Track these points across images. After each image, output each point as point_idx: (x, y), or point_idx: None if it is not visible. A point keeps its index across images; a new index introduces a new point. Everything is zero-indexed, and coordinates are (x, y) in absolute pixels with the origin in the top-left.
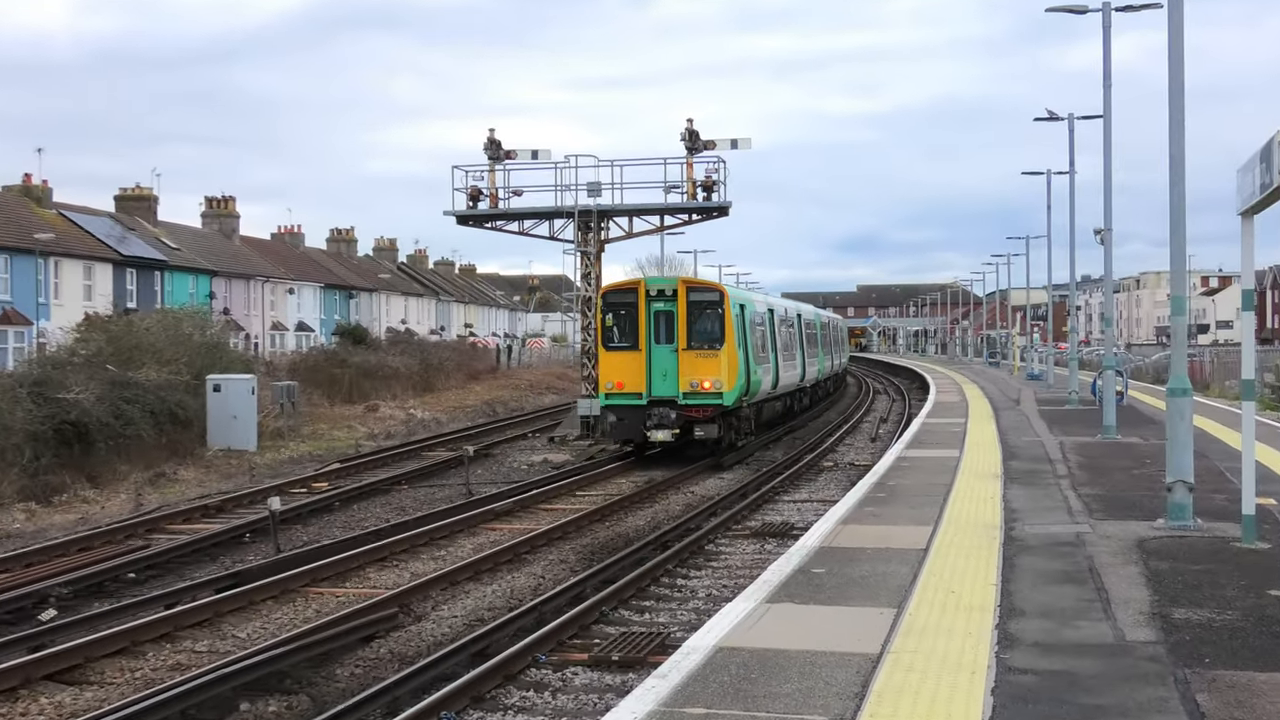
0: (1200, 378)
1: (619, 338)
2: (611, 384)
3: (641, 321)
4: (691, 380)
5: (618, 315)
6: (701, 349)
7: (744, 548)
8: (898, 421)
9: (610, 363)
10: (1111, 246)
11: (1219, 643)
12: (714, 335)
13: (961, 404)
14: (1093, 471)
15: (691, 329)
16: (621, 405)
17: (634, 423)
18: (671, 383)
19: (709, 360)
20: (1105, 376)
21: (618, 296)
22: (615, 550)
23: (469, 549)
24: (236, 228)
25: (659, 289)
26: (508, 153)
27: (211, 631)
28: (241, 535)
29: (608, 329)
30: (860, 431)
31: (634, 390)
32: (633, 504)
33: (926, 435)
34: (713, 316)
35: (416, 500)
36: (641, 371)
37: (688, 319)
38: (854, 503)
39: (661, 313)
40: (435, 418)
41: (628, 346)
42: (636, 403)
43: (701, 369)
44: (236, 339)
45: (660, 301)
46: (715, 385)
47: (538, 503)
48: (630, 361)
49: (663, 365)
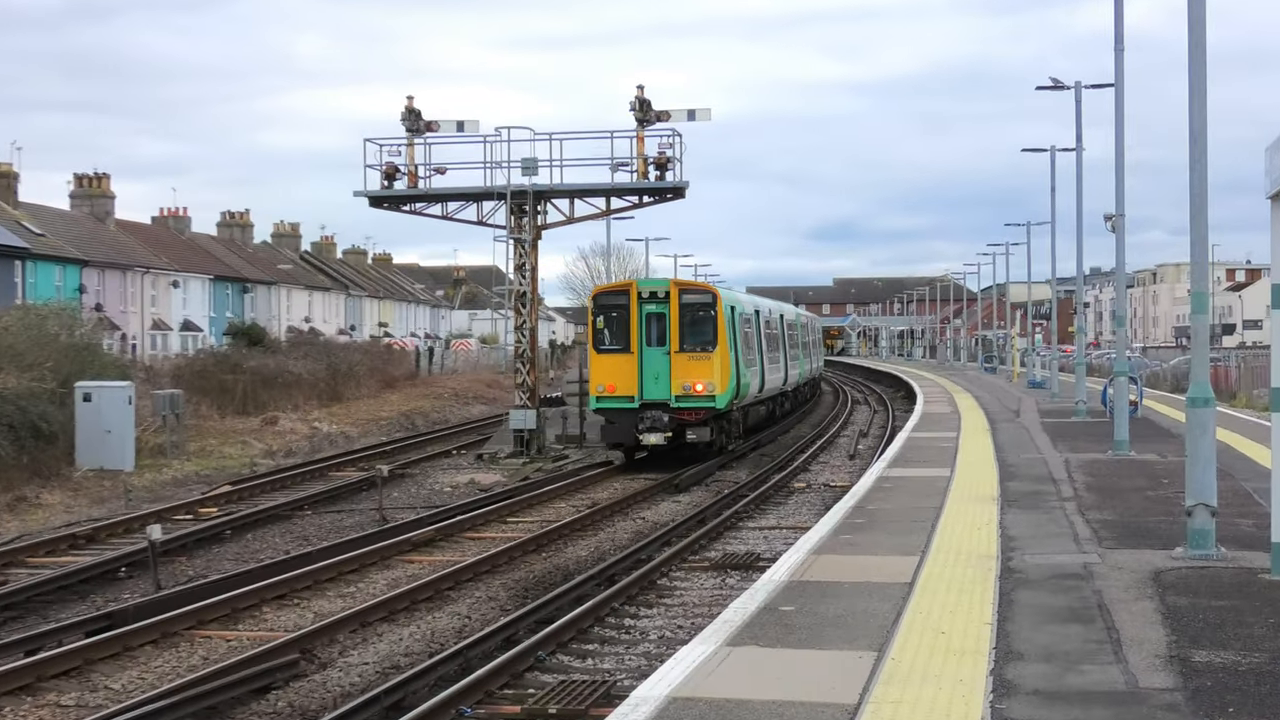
0: (1225, 385)
1: (610, 340)
2: (603, 387)
3: (633, 324)
4: (684, 383)
5: (609, 317)
6: (694, 351)
7: (702, 582)
8: (879, 436)
9: (601, 365)
10: (1124, 235)
11: (1245, 689)
12: (706, 338)
13: (953, 416)
14: (1102, 493)
15: (684, 331)
16: (613, 409)
17: (626, 426)
18: (664, 386)
19: (701, 363)
20: (1117, 384)
21: (609, 298)
22: (553, 585)
23: (383, 585)
24: (111, 210)
25: (651, 291)
26: (429, 124)
27: (80, 682)
28: (116, 569)
29: (599, 331)
30: (836, 447)
31: (626, 393)
32: (574, 532)
33: (912, 452)
34: (705, 319)
35: (321, 528)
36: (633, 374)
37: (680, 321)
38: (829, 530)
39: (653, 315)
40: (344, 432)
41: (619, 349)
42: (628, 406)
43: (694, 372)
44: (111, 340)
45: (652, 303)
46: (708, 388)
47: (463, 531)
48: (622, 364)
49: (655, 368)
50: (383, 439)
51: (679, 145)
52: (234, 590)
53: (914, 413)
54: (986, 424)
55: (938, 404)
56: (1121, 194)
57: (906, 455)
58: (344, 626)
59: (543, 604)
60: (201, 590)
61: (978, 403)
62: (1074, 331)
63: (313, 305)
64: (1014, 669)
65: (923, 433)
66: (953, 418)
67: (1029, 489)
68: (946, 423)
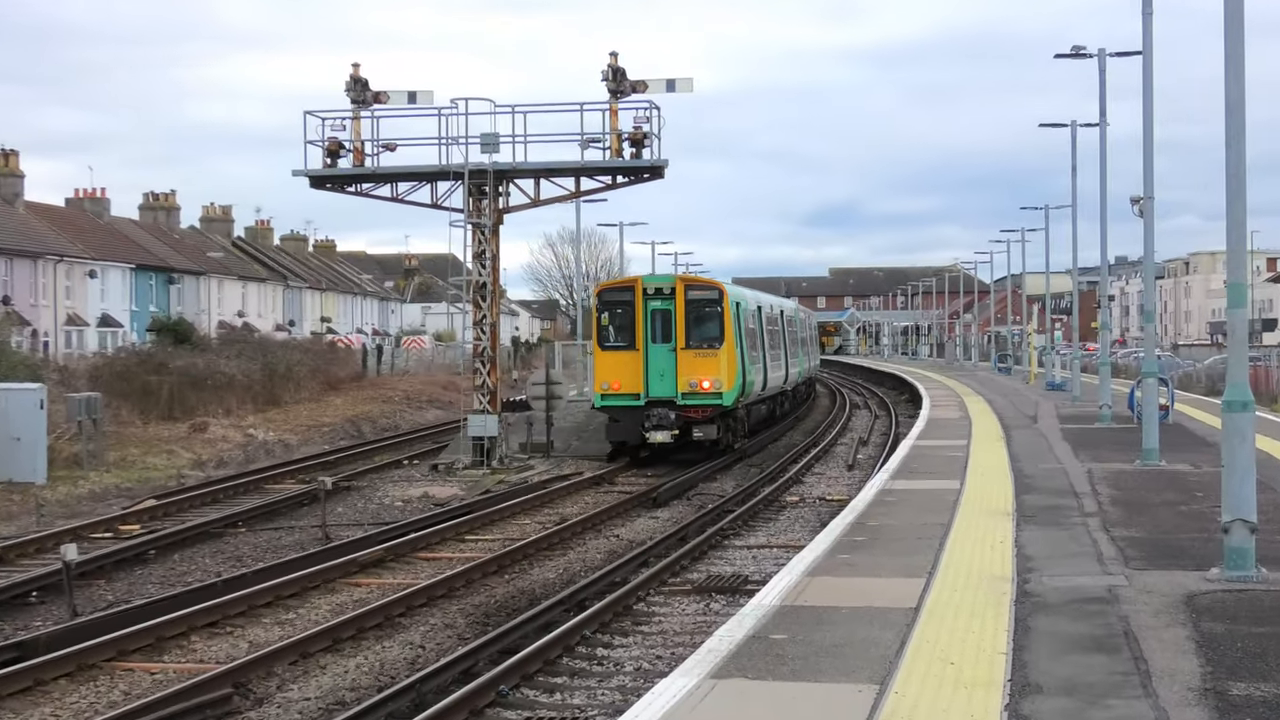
0: (1266, 387)
1: (615, 337)
2: (607, 384)
3: (638, 320)
4: (690, 380)
5: (613, 314)
6: (700, 348)
7: (683, 607)
8: (881, 444)
9: (606, 363)
10: (1153, 220)
11: None
12: (713, 334)
13: (963, 421)
14: (1129, 508)
15: (690, 328)
16: (618, 406)
17: (631, 424)
18: (670, 383)
19: (708, 360)
20: (1145, 386)
21: (614, 294)
22: (517, 611)
23: (326, 611)
24: (20, 191)
25: (656, 287)
26: (377, 95)
27: None
28: (26, 594)
29: (603, 328)
30: (834, 457)
31: (631, 391)
32: (540, 551)
33: (918, 462)
34: (711, 315)
35: (257, 547)
36: (639, 371)
37: (686, 318)
38: (825, 549)
39: (659, 311)
40: (283, 440)
41: (624, 346)
42: (634, 404)
43: (700, 369)
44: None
45: (658, 300)
46: (715, 385)
47: (416, 550)
48: (627, 361)
49: (660, 365)
50: (326, 447)
51: (657, 119)
52: (159, 617)
53: (919, 418)
54: (1000, 431)
55: (946, 408)
56: (1150, 174)
57: (911, 466)
58: (282, 657)
59: (505, 632)
60: (123, 617)
61: (990, 407)
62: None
63: (247, 298)
64: (1031, 704)
65: (929, 440)
66: (963, 424)
67: (1048, 503)
68: (956, 429)
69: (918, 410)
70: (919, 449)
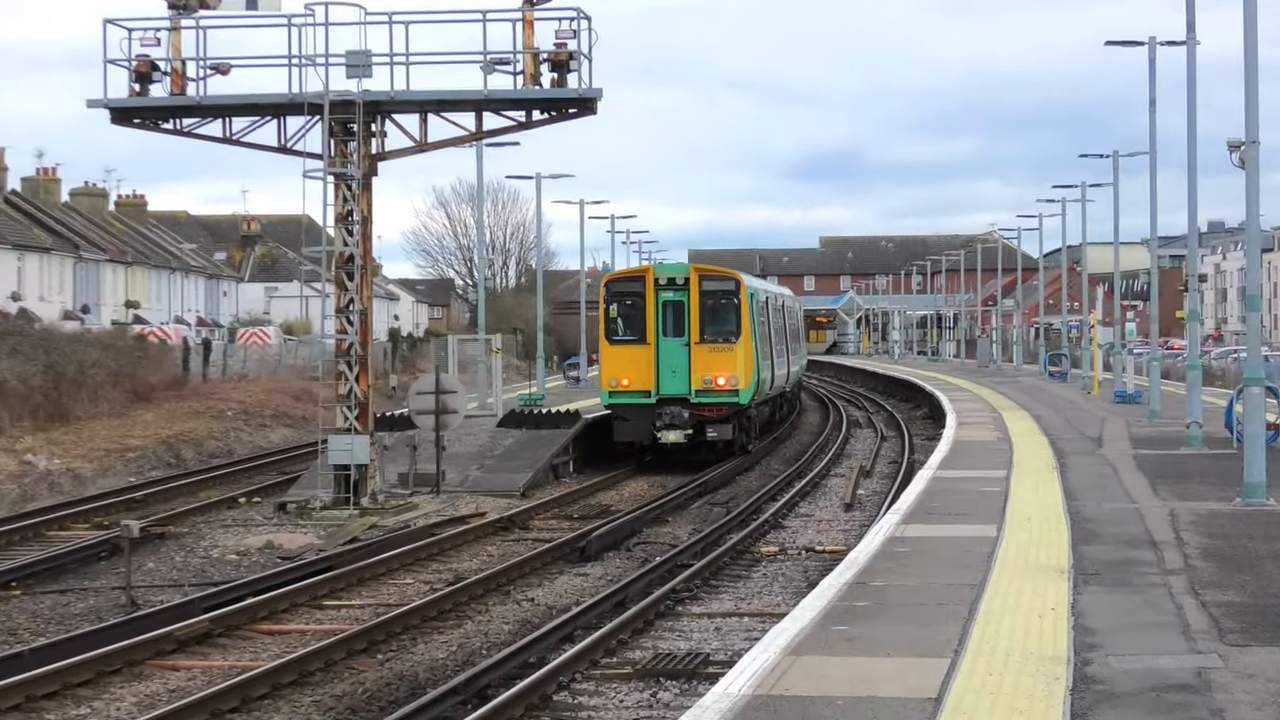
0: None
1: (624, 330)
2: (616, 381)
3: (649, 312)
4: (705, 376)
5: (623, 305)
6: (716, 342)
7: (621, 698)
8: (891, 475)
9: (615, 357)
10: (1258, 172)
11: None
12: (729, 327)
13: (1001, 445)
14: (1226, 563)
15: (705, 320)
16: (628, 404)
17: (642, 423)
18: (682, 379)
19: (724, 354)
20: (1248, 398)
21: (623, 285)
22: (394, 704)
23: (131, 704)
24: None
25: (669, 277)
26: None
27: None
28: None
29: (611, 320)
30: (826, 492)
31: (641, 388)
32: (427, 622)
33: (940, 500)
34: (728, 307)
35: (37, 617)
36: (650, 367)
37: (700, 309)
38: (815, 618)
39: (671, 303)
40: (72, 469)
41: (634, 340)
42: (644, 401)
43: (715, 364)
44: None
45: (670, 290)
46: (731, 382)
47: (256, 621)
48: (637, 356)
49: (673, 360)
50: (132, 480)
51: (587, 34)
52: None
53: (942, 440)
54: (1052, 458)
55: (978, 427)
56: (1255, 110)
57: (931, 505)
58: None
59: None
60: None
61: (1039, 426)
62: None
63: (24, 274)
64: None
65: (955, 470)
66: (1001, 448)
67: (1116, 556)
68: (991, 456)
69: (940, 430)
70: (941, 482)
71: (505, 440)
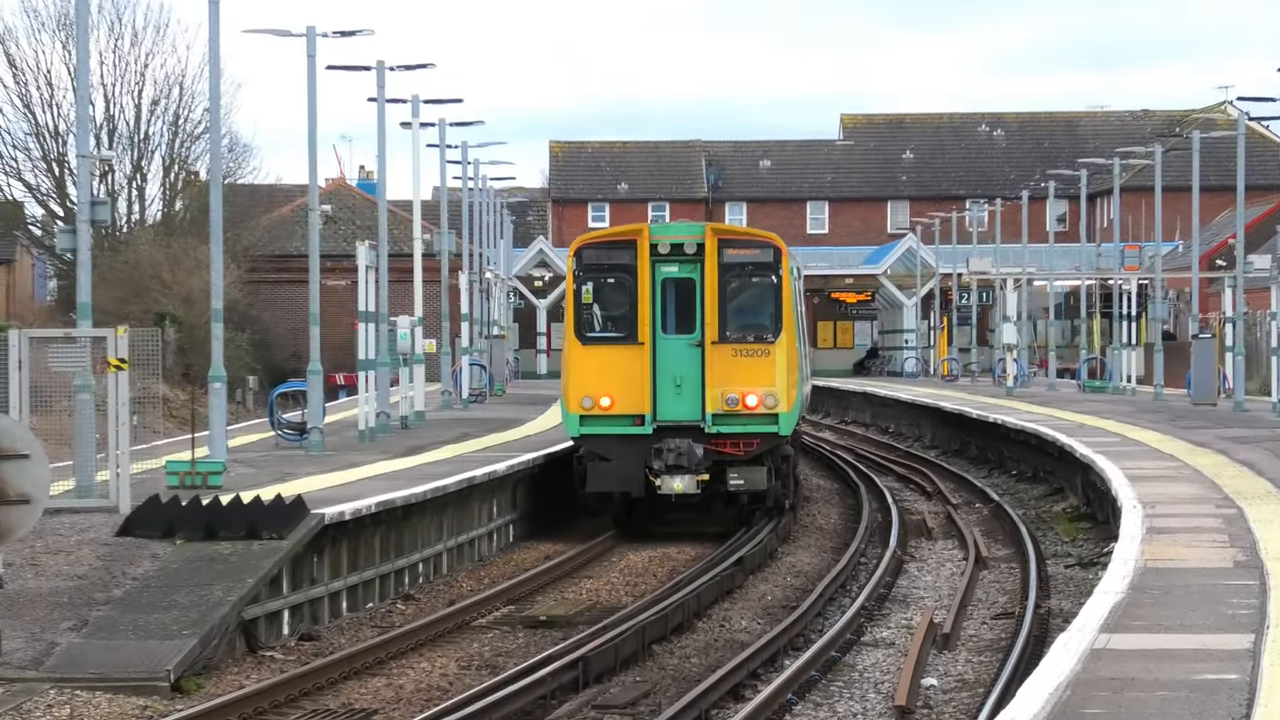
0: None
1: (603, 323)
2: (590, 399)
3: (643, 297)
4: (727, 393)
5: (602, 285)
6: (743, 342)
7: None
8: (995, 645)
9: (588, 364)
10: None
11: None
12: (763, 321)
13: (1239, 574)
14: None
15: (727, 310)
16: (608, 434)
17: (630, 464)
18: (692, 397)
19: (756, 361)
20: None
21: (602, 253)
22: None
23: None
24: None
25: (673, 243)
26: None
27: None
28: None
29: (583, 308)
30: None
31: (630, 410)
32: None
33: (1106, 704)
34: (763, 289)
35: None
36: (643, 379)
37: (721, 293)
38: None
39: (675, 282)
40: None
41: (619, 338)
42: (635, 430)
43: (742, 375)
44: None
45: (673, 263)
46: (767, 401)
47: None
48: (624, 362)
49: (677, 368)
50: None
51: None
52: None
53: (1111, 565)
54: None
55: (1187, 533)
56: None
57: (1088, 716)
58: None
59: None
60: None
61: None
62: None
63: None
64: None
65: (1140, 637)
66: (1241, 583)
67: None
68: (1220, 602)
69: (1104, 544)
70: (1109, 662)
71: (139, 564)
